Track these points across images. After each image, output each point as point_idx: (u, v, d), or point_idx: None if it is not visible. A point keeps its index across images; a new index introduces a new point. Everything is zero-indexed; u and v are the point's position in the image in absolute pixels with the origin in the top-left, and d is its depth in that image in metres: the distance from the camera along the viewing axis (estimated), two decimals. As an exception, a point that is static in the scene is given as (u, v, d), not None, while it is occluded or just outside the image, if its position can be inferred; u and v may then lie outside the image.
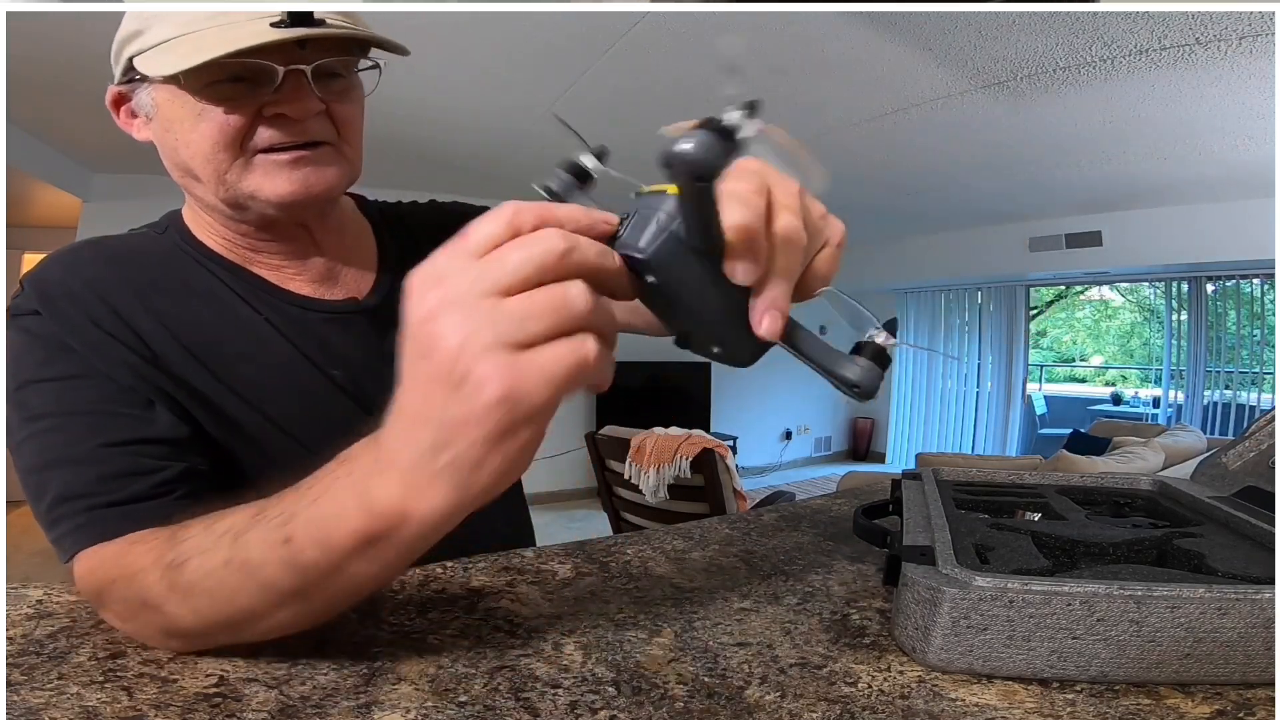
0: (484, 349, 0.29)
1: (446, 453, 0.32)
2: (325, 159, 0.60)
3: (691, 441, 2.42)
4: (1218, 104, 2.83)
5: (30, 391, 0.54)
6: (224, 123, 0.56)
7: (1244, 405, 5.15)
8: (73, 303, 0.56)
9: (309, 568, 0.38)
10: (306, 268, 0.67)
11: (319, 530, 0.38)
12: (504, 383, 0.29)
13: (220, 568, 0.41)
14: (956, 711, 0.41)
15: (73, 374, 0.54)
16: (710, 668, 0.46)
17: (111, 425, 0.53)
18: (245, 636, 0.44)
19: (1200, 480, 0.75)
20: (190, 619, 0.43)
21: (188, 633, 0.44)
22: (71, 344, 0.55)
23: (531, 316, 0.30)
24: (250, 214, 0.61)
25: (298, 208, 0.60)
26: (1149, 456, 3.23)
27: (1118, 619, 0.42)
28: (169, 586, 0.43)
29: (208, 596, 0.42)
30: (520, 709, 0.41)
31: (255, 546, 0.40)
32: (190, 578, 0.42)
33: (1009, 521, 0.65)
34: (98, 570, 0.49)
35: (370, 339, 0.67)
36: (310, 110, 0.57)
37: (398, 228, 0.77)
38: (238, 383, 0.60)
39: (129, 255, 0.62)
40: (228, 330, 0.61)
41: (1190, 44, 2.32)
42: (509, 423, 0.31)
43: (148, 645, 0.47)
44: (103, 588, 0.48)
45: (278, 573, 0.39)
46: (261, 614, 0.42)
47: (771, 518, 0.85)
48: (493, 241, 0.31)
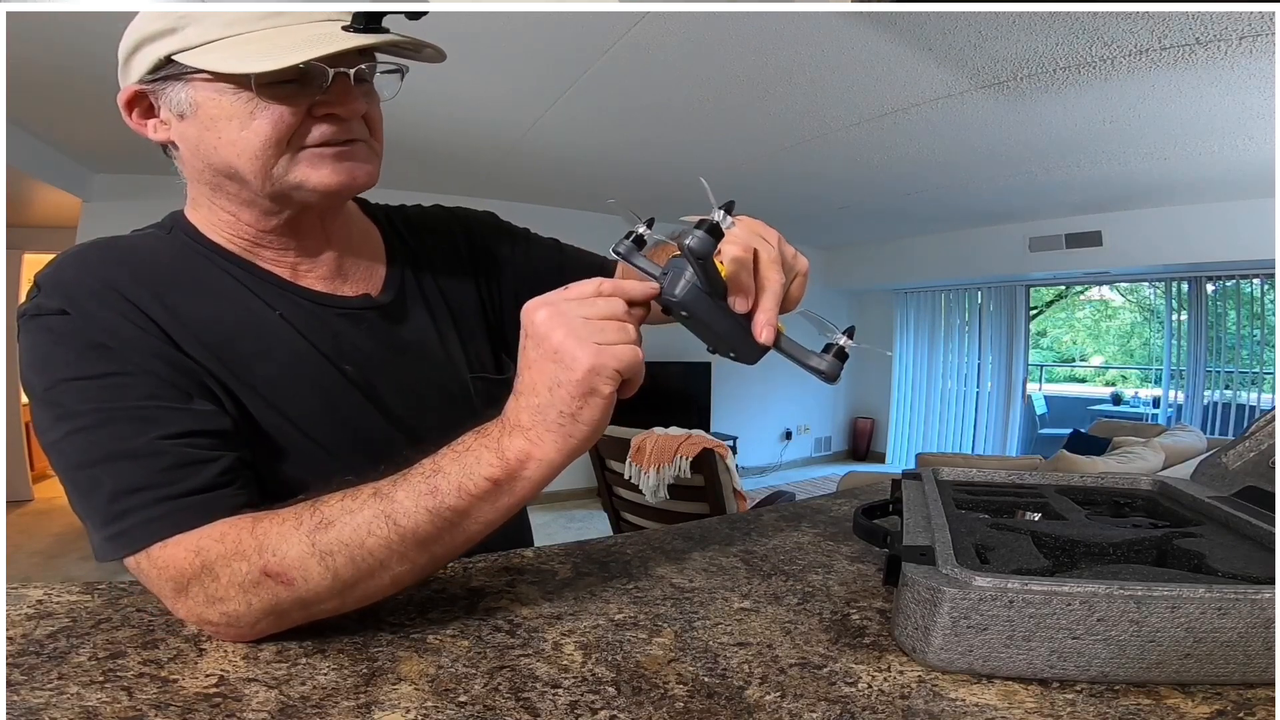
0: (580, 343, 0.48)
1: (554, 409, 0.49)
2: (363, 154, 0.63)
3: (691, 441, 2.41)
4: (1218, 104, 2.82)
5: (65, 390, 0.53)
6: (279, 120, 0.58)
7: (1244, 405, 5.15)
8: (99, 302, 0.56)
9: (446, 513, 0.49)
10: (318, 264, 0.68)
11: (461, 479, 0.50)
12: (591, 360, 0.48)
13: (368, 521, 0.49)
14: (956, 711, 0.41)
15: (112, 371, 0.54)
16: (710, 668, 0.46)
17: (162, 418, 0.53)
18: (352, 599, 0.50)
19: (1200, 480, 0.75)
20: (319, 581, 0.48)
21: (308, 598, 0.49)
22: (105, 342, 0.54)
23: (607, 331, 0.49)
24: (289, 205, 0.63)
25: (340, 198, 0.64)
26: (1149, 456, 3.23)
27: (1118, 619, 0.42)
28: (310, 547, 0.48)
29: (347, 555, 0.49)
30: (520, 709, 0.41)
31: (402, 499, 0.49)
32: (336, 534, 0.49)
33: (1009, 521, 0.65)
34: (188, 557, 0.49)
35: (380, 334, 0.69)
36: (358, 111, 0.61)
37: (405, 229, 0.78)
38: (255, 379, 0.60)
39: (139, 255, 0.62)
40: (244, 326, 0.62)
41: (1190, 44, 2.32)
42: (591, 384, 0.48)
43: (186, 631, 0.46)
44: (196, 572, 0.49)
45: (418, 521, 0.49)
46: (388, 565, 0.50)
47: (771, 518, 0.85)
48: (587, 293, 0.51)
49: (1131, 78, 2.60)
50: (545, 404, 0.49)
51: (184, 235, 0.65)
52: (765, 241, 0.53)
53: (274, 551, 0.49)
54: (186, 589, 0.49)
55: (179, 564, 0.49)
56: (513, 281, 0.81)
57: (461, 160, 3.98)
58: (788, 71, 2.67)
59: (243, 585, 0.48)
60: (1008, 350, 6.32)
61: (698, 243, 0.48)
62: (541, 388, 0.49)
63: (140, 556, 0.50)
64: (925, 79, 2.69)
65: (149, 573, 0.51)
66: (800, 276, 0.57)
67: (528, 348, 0.50)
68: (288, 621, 0.50)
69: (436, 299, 0.75)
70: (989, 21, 2.21)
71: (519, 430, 0.50)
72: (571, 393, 0.48)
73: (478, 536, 0.52)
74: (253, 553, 0.49)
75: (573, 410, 0.49)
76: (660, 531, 0.79)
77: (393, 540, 0.49)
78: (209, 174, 0.62)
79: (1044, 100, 2.85)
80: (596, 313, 0.50)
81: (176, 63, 0.57)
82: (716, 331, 0.53)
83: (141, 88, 0.59)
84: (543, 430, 0.49)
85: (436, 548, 0.51)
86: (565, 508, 5.16)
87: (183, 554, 0.49)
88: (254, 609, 0.48)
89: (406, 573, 0.51)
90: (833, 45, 2.44)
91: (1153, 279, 6.24)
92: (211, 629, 0.50)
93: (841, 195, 4.61)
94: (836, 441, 7.54)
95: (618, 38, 2.39)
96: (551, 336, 0.49)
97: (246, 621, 0.49)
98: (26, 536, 4.07)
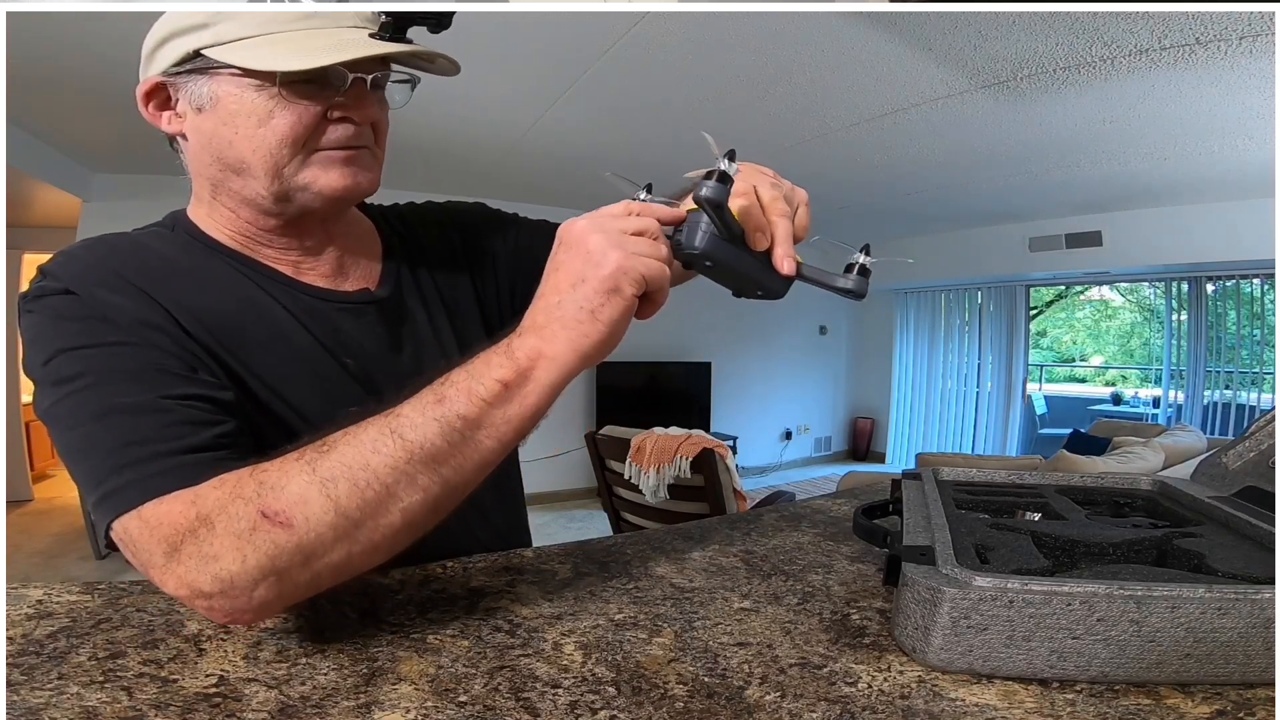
0: (614, 245, 0.50)
1: (574, 304, 0.49)
2: (366, 161, 0.64)
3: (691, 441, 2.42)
4: (1218, 104, 2.82)
5: (65, 358, 0.52)
6: (299, 120, 0.59)
7: (1244, 405, 5.15)
8: (106, 287, 0.56)
9: (455, 422, 0.48)
10: (319, 262, 0.69)
11: (470, 384, 0.49)
12: (621, 259, 0.50)
13: (372, 439, 0.47)
14: (956, 711, 0.41)
15: (114, 340, 0.53)
16: (710, 668, 0.46)
17: (164, 381, 0.52)
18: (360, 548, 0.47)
19: (1200, 480, 0.75)
20: (320, 517, 0.45)
21: (310, 544, 0.45)
22: (109, 315, 0.54)
23: (640, 244, 0.51)
24: (292, 206, 0.63)
25: (343, 202, 0.65)
26: (1149, 456, 3.22)
27: (1118, 619, 0.42)
28: (311, 476, 0.46)
29: (349, 480, 0.46)
30: (520, 709, 0.41)
31: (408, 413, 0.48)
32: (338, 457, 0.47)
33: (1009, 521, 0.65)
34: (184, 510, 0.46)
35: (379, 329, 0.70)
36: (372, 116, 0.63)
37: (401, 225, 0.79)
38: (259, 368, 0.61)
39: (144, 248, 0.62)
40: (248, 317, 0.62)
41: (1190, 44, 2.32)
42: (616, 282, 0.49)
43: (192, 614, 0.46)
44: (191, 526, 0.45)
45: (426, 433, 0.47)
46: (395, 492, 0.47)
47: (771, 518, 0.85)
48: (620, 211, 0.53)
49: (1131, 78, 2.60)
50: (565, 301, 0.50)
51: (186, 233, 0.66)
52: (764, 178, 0.56)
53: (273, 488, 0.46)
54: (179, 550, 0.45)
55: (173, 519, 0.46)
56: (507, 269, 0.82)
57: (461, 160, 3.98)
58: (788, 71, 2.67)
59: (239, 534, 0.45)
60: (1008, 350, 6.32)
61: (712, 191, 0.49)
62: (564, 285, 0.50)
63: (131, 518, 0.47)
64: (925, 79, 2.69)
65: (139, 537, 0.47)
66: (803, 206, 0.58)
67: (558, 253, 0.52)
68: (289, 586, 0.46)
69: (432, 293, 0.75)
70: (989, 21, 2.21)
71: (531, 330, 0.50)
72: (596, 288, 0.49)
73: (489, 460, 0.50)
74: (252, 494, 0.46)
75: (593, 307, 0.49)
76: (660, 531, 0.79)
77: (399, 458, 0.47)
78: (216, 169, 0.62)
79: (1044, 100, 2.85)
80: (631, 226, 0.52)
81: (204, 57, 0.58)
82: (741, 274, 0.55)
83: (163, 79, 0.61)
84: (557, 328, 0.49)
85: (446, 469, 0.49)
86: (565, 508, 5.15)
87: (179, 507, 0.46)
88: (250, 566, 0.45)
89: (418, 504, 0.48)
90: (833, 45, 2.44)
91: (1153, 279, 6.24)
92: (205, 606, 0.46)
93: (841, 195, 4.60)
94: (836, 441, 7.54)
95: (618, 38, 2.39)
96: (587, 239, 0.50)
97: (243, 585, 0.45)
98: (26, 536, 4.07)
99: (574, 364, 0.50)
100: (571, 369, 0.50)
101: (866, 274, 0.54)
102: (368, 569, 0.50)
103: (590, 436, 2.79)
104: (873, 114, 3.11)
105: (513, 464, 0.84)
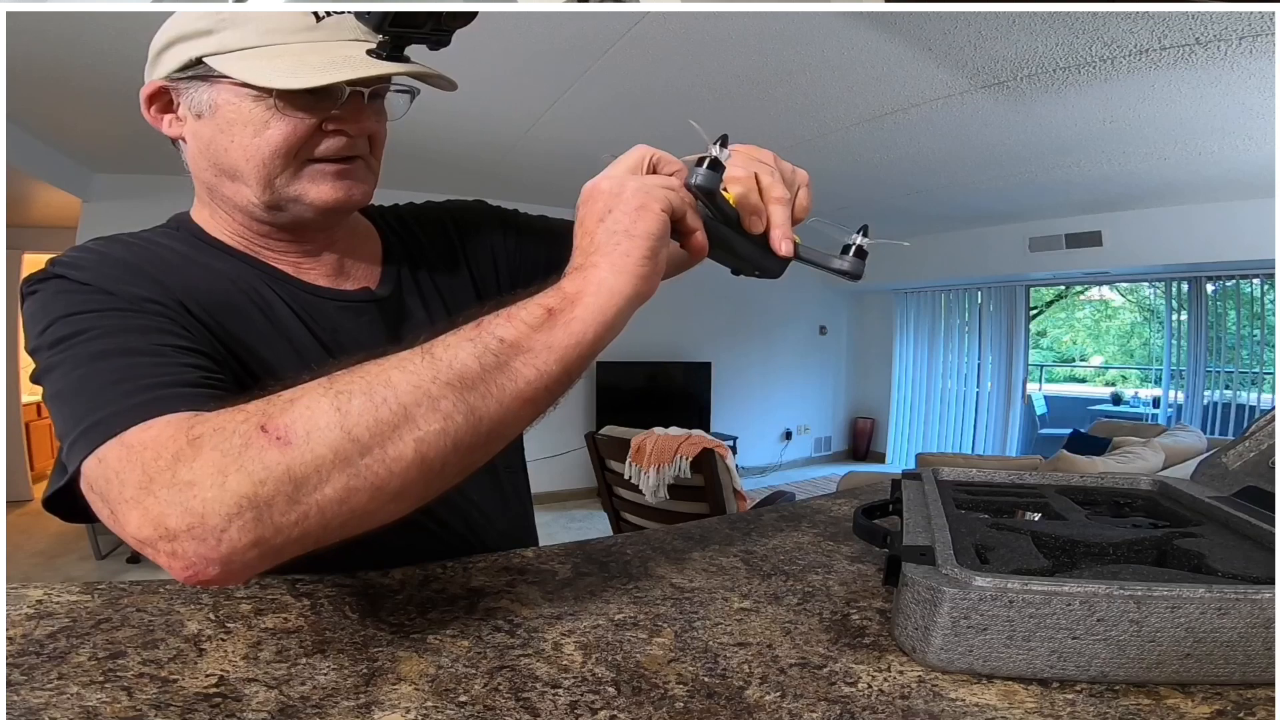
0: (628, 177, 0.51)
1: (608, 232, 0.49)
2: (360, 172, 0.64)
3: (691, 441, 2.42)
4: (1218, 104, 2.82)
5: (63, 323, 0.51)
6: (292, 131, 0.59)
7: (1244, 405, 5.15)
8: (117, 274, 0.56)
9: (491, 343, 0.45)
10: (320, 262, 0.70)
11: (512, 310, 0.47)
12: (638, 184, 0.50)
13: (400, 358, 0.44)
14: (956, 711, 0.41)
15: (115, 307, 0.53)
16: (710, 668, 0.46)
17: (166, 342, 0.51)
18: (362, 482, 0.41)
19: (1200, 480, 0.75)
20: (324, 432, 0.40)
21: (302, 469, 0.40)
22: (110, 289, 0.54)
23: (652, 175, 0.52)
24: (284, 215, 0.64)
25: (335, 214, 0.65)
26: (1149, 456, 3.22)
27: (1118, 619, 0.42)
28: (325, 388, 0.42)
29: (365, 391, 0.42)
30: (520, 709, 0.41)
31: (445, 338, 0.46)
32: (360, 373, 0.43)
33: (1009, 521, 0.65)
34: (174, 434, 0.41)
35: (378, 328, 0.70)
36: (368, 128, 0.63)
37: (400, 226, 0.79)
38: (260, 362, 0.62)
39: (155, 244, 0.63)
40: (253, 311, 0.63)
41: (1190, 44, 2.32)
42: (642, 200, 0.49)
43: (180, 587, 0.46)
44: (175, 452, 0.40)
45: (459, 353, 0.44)
46: (413, 415, 0.42)
47: (771, 518, 0.85)
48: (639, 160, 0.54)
49: (1131, 78, 2.60)
50: (598, 234, 0.49)
51: (190, 234, 0.67)
52: (763, 163, 0.56)
53: (282, 403, 0.42)
54: (154, 479, 0.40)
55: (160, 443, 0.41)
56: (508, 265, 0.82)
57: (461, 159, 3.98)
58: (788, 71, 2.67)
59: (226, 452, 0.40)
60: (1008, 350, 6.32)
61: (704, 179, 0.50)
62: (593, 224, 0.50)
63: (111, 446, 0.42)
64: (925, 79, 2.69)
65: (117, 467, 0.41)
66: (804, 188, 0.58)
67: (580, 211, 0.52)
68: (268, 529, 0.40)
69: (432, 293, 0.76)
70: (989, 21, 2.21)
71: (572, 271, 0.49)
72: (624, 210, 0.49)
73: (525, 395, 0.45)
74: (256, 409, 0.41)
75: (626, 225, 0.49)
76: (660, 531, 0.79)
77: (424, 376, 0.43)
78: (211, 174, 0.63)
79: (1044, 100, 2.85)
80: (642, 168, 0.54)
81: (206, 64, 0.58)
82: (739, 254, 0.56)
83: (166, 84, 0.61)
84: (598, 257, 0.48)
85: (474, 395, 0.43)
86: (565, 508, 5.16)
87: (170, 431, 0.42)
88: (228, 491, 0.39)
89: (435, 435, 0.42)
90: (833, 45, 2.44)
91: (1153, 279, 6.25)
92: (168, 551, 0.40)
93: (841, 195, 4.60)
94: (836, 441, 7.54)
95: (618, 37, 2.39)
96: (600, 184, 0.51)
97: (214, 520, 0.39)
98: (26, 536, 4.07)
99: (620, 287, 0.48)
100: (619, 293, 0.47)
101: (863, 255, 0.55)
102: (362, 527, 0.43)
103: (590, 436, 2.79)
104: (873, 114, 3.11)
105: (521, 470, 0.84)
